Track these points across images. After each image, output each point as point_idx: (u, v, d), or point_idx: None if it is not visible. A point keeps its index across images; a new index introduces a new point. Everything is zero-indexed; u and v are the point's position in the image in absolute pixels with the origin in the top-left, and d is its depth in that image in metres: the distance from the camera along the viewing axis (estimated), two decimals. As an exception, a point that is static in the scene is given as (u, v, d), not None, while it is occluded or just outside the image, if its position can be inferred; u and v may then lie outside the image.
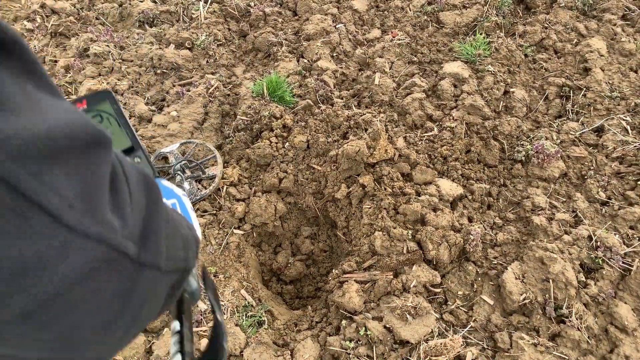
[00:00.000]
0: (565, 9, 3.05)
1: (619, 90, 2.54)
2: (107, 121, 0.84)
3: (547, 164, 2.22)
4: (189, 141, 2.35)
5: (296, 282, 2.27)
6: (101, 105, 0.83)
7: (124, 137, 0.86)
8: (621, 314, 1.70)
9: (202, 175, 2.20)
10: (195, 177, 2.19)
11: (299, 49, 2.97)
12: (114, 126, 0.85)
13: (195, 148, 2.33)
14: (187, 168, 2.21)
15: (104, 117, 0.84)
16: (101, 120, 0.84)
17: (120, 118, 0.85)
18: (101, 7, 3.29)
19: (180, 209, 0.84)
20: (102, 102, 0.84)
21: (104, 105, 0.84)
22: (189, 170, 2.22)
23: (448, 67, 2.69)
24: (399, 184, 2.15)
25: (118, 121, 0.85)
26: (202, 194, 2.15)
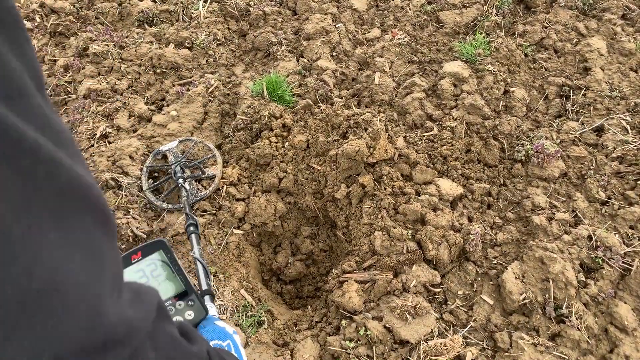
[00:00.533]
0: (565, 8, 3.05)
1: (618, 90, 2.54)
2: (161, 268, 0.91)
3: (547, 163, 2.22)
4: (188, 139, 2.35)
5: (296, 282, 2.27)
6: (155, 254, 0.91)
7: (177, 283, 0.92)
8: (621, 313, 1.70)
9: (202, 175, 2.19)
10: (195, 177, 2.19)
11: (298, 48, 2.97)
12: (168, 272, 0.91)
13: (195, 146, 2.32)
14: (186, 167, 2.20)
15: (158, 265, 0.91)
16: (155, 268, 0.91)
17: (174, 265, 0.91)
18: (100, 6, 3.29)
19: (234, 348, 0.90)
20: (156, 251, 0.91)
21: (158, 254, 0.91)
22: (188, 169, 2.21)
23: (448, 66, 2.69)
24: (398, 183, 2.15)
25: (172, 268, 0.91)
26: (202, 195, 2.14)
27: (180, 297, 0.92)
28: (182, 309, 0.92)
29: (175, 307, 0.91)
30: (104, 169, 2.20)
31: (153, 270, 0.91)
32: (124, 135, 2.45)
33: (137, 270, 0.90)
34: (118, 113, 2.56)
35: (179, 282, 0.92)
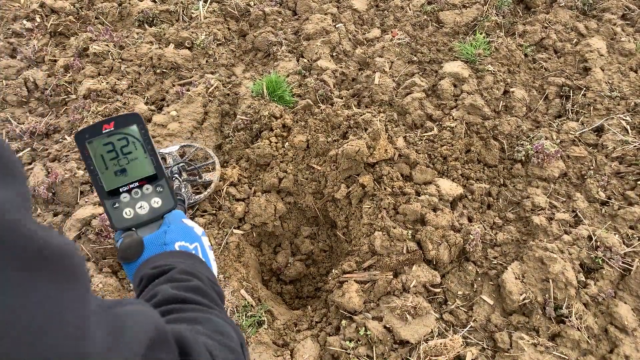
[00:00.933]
0: (565, 8, 3.05)
1: (618, 90, 2.54)
2: (132, 145, 0.82)
3: (547, 163, 2.22)
4: (189, 144, 2.33)
5: (296, 282, 2.27)
6: (128, 129, 0.82)
7: (148, 164, 0.84)
8: (621, 313, 1.70)
9: (199, 180, 2.17)
10: (191, 181, 2.17)
11: (298, 48, 2.97)
12: (139, 151, 0.83)
13: (195, 152, 2.31)
14: (184, 171, 2.19)
15: (130, 140, 0.82)
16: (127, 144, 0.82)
17: (147, 144, 0.83)
18: (101, 6, 3.29)
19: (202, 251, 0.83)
20: (130, 125, 0.82)
21: (132, 128, 0.82)
22: (185, 173, 2.20)
23: (448, 66, 2.69)
24: (398, 183, 2.15)
25: (144, 147, 0.83)
26: (195, 199, 2.12)
27: (149, 181, 0.84)
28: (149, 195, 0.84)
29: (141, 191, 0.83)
30: (104, 169, 2.20)
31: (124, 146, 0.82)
32: (124, 135, 2.45)
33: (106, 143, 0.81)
34: (118, 113, 2.56)
35: (150, 163, 0.83)
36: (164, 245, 0.79)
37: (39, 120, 2.61)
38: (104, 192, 0.82)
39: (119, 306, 0.44)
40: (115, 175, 0.82)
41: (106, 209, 0.83)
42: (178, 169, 2.13)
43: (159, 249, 0.78)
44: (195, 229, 0.86)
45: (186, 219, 0.87)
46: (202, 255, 0.82)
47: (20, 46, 3.03)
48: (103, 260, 1.89)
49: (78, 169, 2.21)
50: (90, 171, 0.81)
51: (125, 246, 0.77)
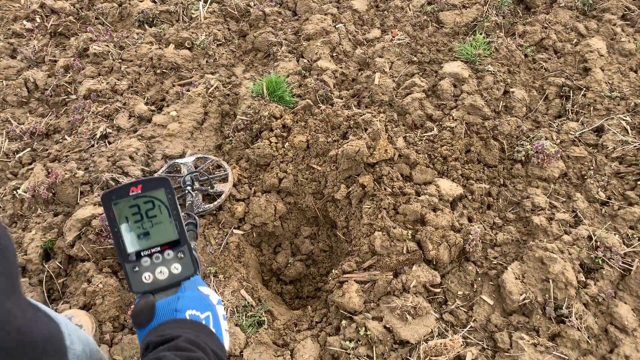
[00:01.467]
0: (565, 8, 3.05)
1: (618, 90, 2.55)
2: (158, 209, 0.82)
3: (547, 164, 2.22)
4: (205, 156, 2.33)
5: (296, 282, 2.27)
6: (156, 192, 0.82)
7: (172, 229, 0.83)
8: (621, 314, 1.70)
9: (210, 190, 2.17)
10: (202, 191, 2.17)
11: (298, 48, 2.97)
12: (164, 215, 0.82)
13: (210, 164, 2.31)
14: (197, 180, 2.19)
15: (156, 204, 0.82)
16: (152, 207, 0.82)
17: (173, 209, 0.83)
18: (101, 6, 3.29)
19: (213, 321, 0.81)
20: (158, 189, 0.82)
21: (159, 192, 0.82)
22: (198, 182, 2.20)
23: (448, 67, 2.69)
24: (398, 184, 2.15)
25: (169, 211, 0.83)
26: (205, 208, 2.13)
27: (171, 246, 0.83)
28: (170, 260, 0.83)
29: (162, 256, 0.82)
30: (104, 169, 2.20)
31: (149, 209, 0.81)
32: (124, 135, 2.45)
33: (132, 205, 0.81)
34: (118, 113, 2.56)
35: (174, 228, 0.83)
36: (175, 312, 0.78)
37: (39, 121, 2.61)
38: (125, 255, 0.82)
39: None
40: (138, 239, 0.82)
41: (126, 272, 0.82)
42: (191, 179, 2.13)
43: (170, 316, 0.77)
44: (210, 297, 0.85)
45: (203, 287, 0.86)
46: (214, 325, 0.81)
47: (21, 46, 3.03)
48: (103, 260, 1.89)
49: (78, 169, 2.21)
50: (114, 233, 0.81)
51: (138, 311, 0.78)
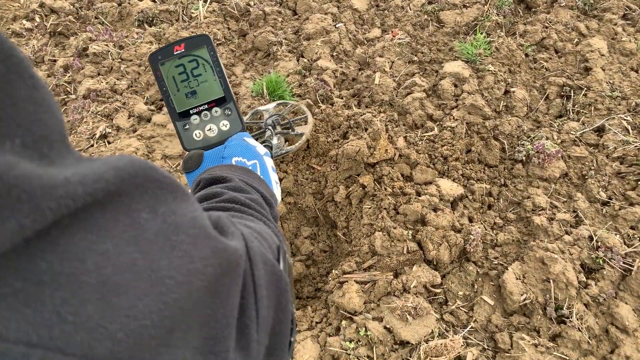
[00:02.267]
0: (566, 8, 3.04)
1: (619, 90, 2.54)
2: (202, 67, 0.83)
3: (548, 163, 2.22)
4: (285, 102, 2.32)
5: (296, 283, 2.27)
6: (199, 50, 0.82)
7: (217, 87, 0.84)
8: (622, 314, 1.69)
9: (291, 133, 2.16)
10: (284, 134, 2.16)
11: (298, 48, 2.96)
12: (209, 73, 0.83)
13: (291, 108, 2.30)
14: (278, 124, 2.17)
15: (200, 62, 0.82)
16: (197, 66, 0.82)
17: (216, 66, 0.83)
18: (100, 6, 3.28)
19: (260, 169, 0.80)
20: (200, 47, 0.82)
21: (202, 50, 0.82)
22: (279, 126, 2.19)
23: (448, 66, 2.68)
24: (399, 184, 2.15)
25: (213, 69, 0.83)
26: (287, 149, 2.11)
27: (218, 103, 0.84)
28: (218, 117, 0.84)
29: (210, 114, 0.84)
30: (104, 169, 2.19)
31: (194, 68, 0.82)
32: (124, 135, 2.44)
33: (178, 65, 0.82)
34: (118, 113, 2.56)
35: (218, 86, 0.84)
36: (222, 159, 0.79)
37: (39, 120, 2.60)
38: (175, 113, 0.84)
39: None
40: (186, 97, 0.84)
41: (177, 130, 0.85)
42: (272, 122, 2.12)
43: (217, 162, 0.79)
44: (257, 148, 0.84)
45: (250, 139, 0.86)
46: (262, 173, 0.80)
47: (20, 46, 3.02)
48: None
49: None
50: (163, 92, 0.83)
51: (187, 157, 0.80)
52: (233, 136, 0.85)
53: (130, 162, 0.31)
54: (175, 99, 0.83)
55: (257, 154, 0.83)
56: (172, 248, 0.31)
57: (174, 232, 0.32)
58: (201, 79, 0.83)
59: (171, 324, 0.28)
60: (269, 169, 0.83)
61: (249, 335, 0.36)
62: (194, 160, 0.79)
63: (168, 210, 0.33)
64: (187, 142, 0.85)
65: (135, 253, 0.29)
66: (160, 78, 0.82)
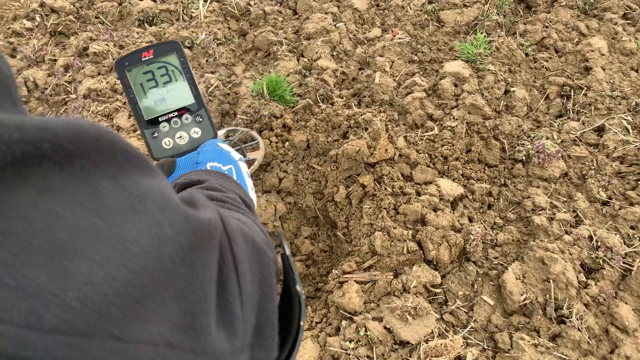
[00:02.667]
0: (566, 7, 3.04)
1: (619, 90, 2.54)
2: (172, 74, 0.81)
3: (548, 163, 2.22)
4: (234, 128, 2.34)
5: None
6: (168, 57, 0.81)
7: (187, 93, 0.82)
8: (622, 314, 1.69)
9: (244, 159, 2.18)
10: None
11: (299, 48, 2.96)
12: (179, 80, 0.81)
13: (241, 135, 2.32)
14: None
15: (169, 69, 0.81)
16: (166, 72, 0.81)
17: (186, 72, 0.82)
18: (101, 5, 3.28)
19: (236, 174, 0.79)
20: (169, 54, 0.81)
21: (171, 57, 0.81)
22: None
23: (449, 66, 2.68)
24: (399, 183, 2.15)
25: (183, 75, 0.82)
26: None
27: (189, 111, 0.82)
28: (189, 124, 0.82)
29: (181, 121, 0.82)
30: (104, 169, 2.20)
31: (163, 74, 0.81)
32: (124, 135, 2.44)
33: (146, 72, 0.80)
34: (118, 113, 2.56)
35: (189, 92, 0.82)
36: (195, 165, 0.78)
37: (39, 120, 2.60)
38: (143, 121, 0.82)
39: None
40: (154, 105, 0.82)
41: (145, 139, 0.83)
42: None
43: (191, 168, 0.77)
44: (231, 154, 0.83)
45: (223, 144, 0.85)
46: (237, 178, 0.79)
47: (20, 46, 3.02)
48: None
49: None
50: (130, 100, 0.81)
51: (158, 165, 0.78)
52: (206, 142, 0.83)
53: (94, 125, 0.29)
54: (143, 107, 0.81)
55: (232, 159, 0.82)
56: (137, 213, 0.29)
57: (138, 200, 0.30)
58: (170, 85, 0.81)
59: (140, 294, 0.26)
60: (244, 174, 0.82)
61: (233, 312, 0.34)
62: (166, 167, 0.78)
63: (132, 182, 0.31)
64: (156, 150, 0.82)
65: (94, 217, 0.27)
66: (127, 85, 0.80)
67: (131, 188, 0.30)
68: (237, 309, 0.34)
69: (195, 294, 0.31)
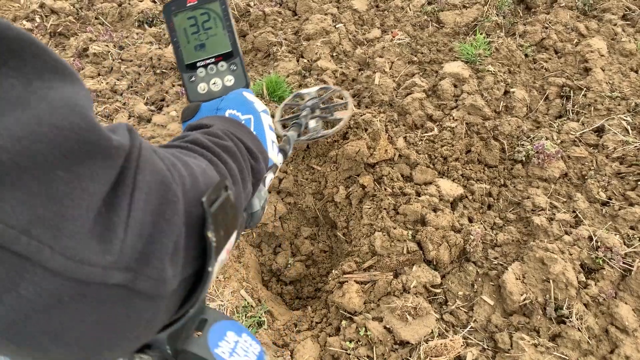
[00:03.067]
0: (566, 8, 3.05)
1: (619, 90, 2.54)
2: (213, 21, 0.84)
3: (548, 164, 2.22)
4: (327, 87, 2.30)
5: (296, 283, 2.27)
6: (211, 4, 0.83)
7: (225, 41, 0.85)
8: (622, 314, 1.69)
9: (329, 117, 2.13)
10: (322, 117, 2.13)
11: (298, 48, 2.97)
12: (218, 28, 0.84)
13: (332, 93, 2.28)
14: (317, 108, 2.14)
15: (211, 16, 0.83)
16: (208, 19, 0.84)
17: (226, 20, 0.84)
18: (100, 6, 3.29)
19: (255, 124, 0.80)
20: (213, 1, 0.83)
21: (214, 4, 0.83)
22: (319, 110, 2.15)
23: (448, 67, 2.69)
24: (399, 184, 2.15)
25: (223, 23, 0.84)
26: (324, 132, 2.08)
27: (225, 58, 0.86)
28: (224, 72, 0.86)
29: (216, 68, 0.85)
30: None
31: (205, 20, 0.84)
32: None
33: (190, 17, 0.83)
34: (118, 113, 2.56)
35: (227, 40, 0.85)
36: (216, 110, 0.80)
37: (39, 121, 2.61)
38: (183, 65, 0.86)
39: None
40: (194, 50, 0.85)
41: (184, 82, 0.87)
42: (312, 105, 2.11)
43: (212, 113, 0.79)
44: (255, 104, 0.84)
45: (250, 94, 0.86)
46: (255, 128, 0.80)
47: (20, 46, 3.03)
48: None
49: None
50: (174, 43, 0.85)
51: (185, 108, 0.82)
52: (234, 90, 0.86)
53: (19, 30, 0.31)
54: (185, 51, 0.85)
55: (254, 109, 0.83)
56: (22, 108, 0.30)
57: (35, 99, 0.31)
58: (211, 32, 0.84)
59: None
60: (265, 126, 0.83)
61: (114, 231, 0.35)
62: (190, 110, 0.81)
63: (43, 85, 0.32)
64: (191, 94, 0.87)
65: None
66: (173, 29, 0.84)
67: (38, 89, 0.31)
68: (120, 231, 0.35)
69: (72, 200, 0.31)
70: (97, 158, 0.34)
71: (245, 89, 0.87)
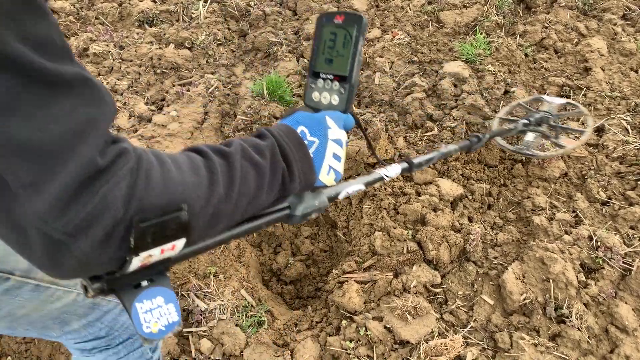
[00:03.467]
0: (566, 8, 3.05)
1: (619, 90, 2.54)
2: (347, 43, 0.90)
3: (548, 164, 2.22)
4: (575, 104, 2.08)
5: (296, 282, 2.27)
6: (351, 28, 0.88)
7: (346, 65, 0.90)
8: (621, 314, 1.69)
9: (552, 139, 1.93)
10: (544, 136, 1.93)
11: (299, 48, 2.97)
12: (348, 50, 0.89)
13: (573, 114, 2.05)
14: (546, 122, 1.94)
15: (347, 39, 0.89)
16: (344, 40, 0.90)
17: (354, 47, 0.89)
18: (101, 6, 3.29)
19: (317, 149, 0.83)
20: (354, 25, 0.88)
21: (353, 28, 0.88)
22: (546, 125, 1.95)
23: (448, 66, 2.69)
24: (399, 183, 2.15)
25: (351, 49, 0.89)
26: (535, 153, 1.87)
27: (340, 79, 0.91)
28: (335, 91, 0.91)
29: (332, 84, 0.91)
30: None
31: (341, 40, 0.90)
32: (124, 135, 2.45)
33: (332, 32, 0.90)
34: (118, 113, 2.56)
35: (348, 65, 0.90)
36: (296, 123, 0.85)
37: (39, 121, 2.60)
38: (312, 70, 0.94)
39: None
40: (324, 62, 0.93)
41: (307, 85, 0.95)
42: (540, 117, 1.94)
43: (291, 123, 0.85)
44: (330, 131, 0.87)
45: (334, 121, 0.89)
46: (314, 152, 0.83)
47: (21, 46, 3.03)
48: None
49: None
50: (313, 50, 0.93)
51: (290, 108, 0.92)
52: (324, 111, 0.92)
53: None
54: (317, 59, 0.93)
55: (324, 135, 0.85)
56: None
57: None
58: (341, 52, 0.91)
59: None
60: (328, 152, 0.85)
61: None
62: (288, 112, 0.89)
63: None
64: (307, 98, 0.95)
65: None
66: (318, 37, 0.92)
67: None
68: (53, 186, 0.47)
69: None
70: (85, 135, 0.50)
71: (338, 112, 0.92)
